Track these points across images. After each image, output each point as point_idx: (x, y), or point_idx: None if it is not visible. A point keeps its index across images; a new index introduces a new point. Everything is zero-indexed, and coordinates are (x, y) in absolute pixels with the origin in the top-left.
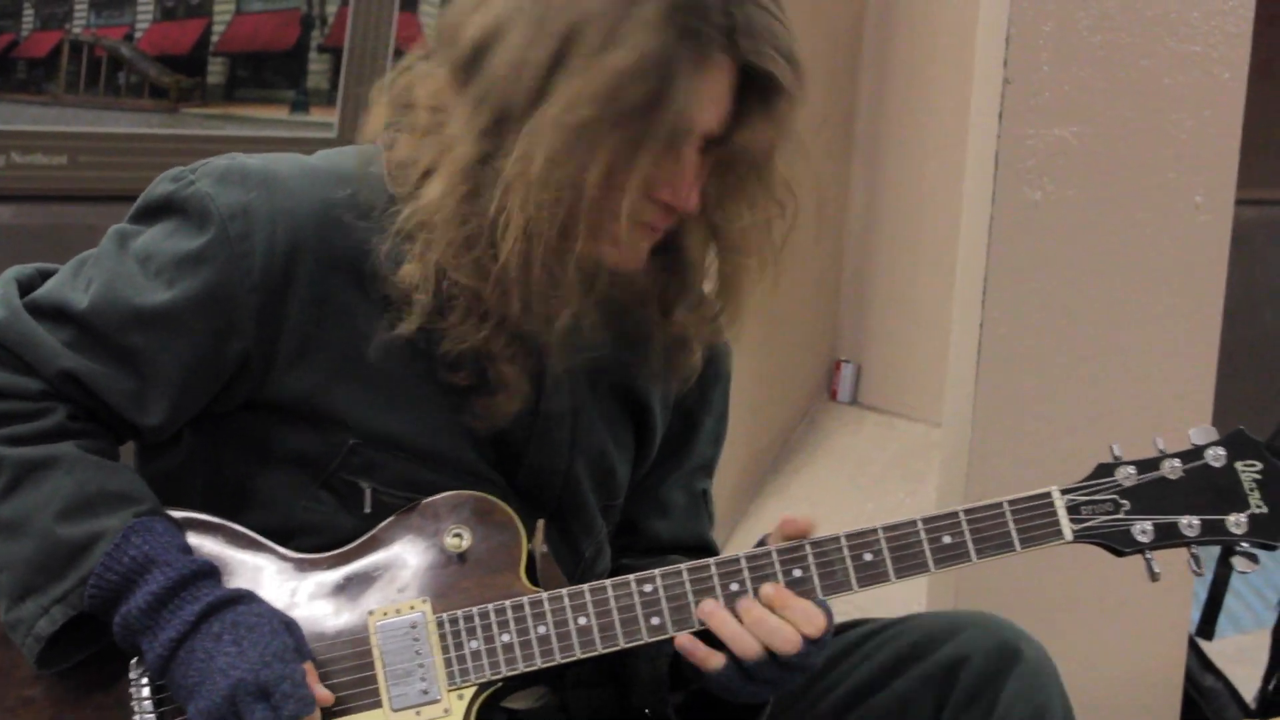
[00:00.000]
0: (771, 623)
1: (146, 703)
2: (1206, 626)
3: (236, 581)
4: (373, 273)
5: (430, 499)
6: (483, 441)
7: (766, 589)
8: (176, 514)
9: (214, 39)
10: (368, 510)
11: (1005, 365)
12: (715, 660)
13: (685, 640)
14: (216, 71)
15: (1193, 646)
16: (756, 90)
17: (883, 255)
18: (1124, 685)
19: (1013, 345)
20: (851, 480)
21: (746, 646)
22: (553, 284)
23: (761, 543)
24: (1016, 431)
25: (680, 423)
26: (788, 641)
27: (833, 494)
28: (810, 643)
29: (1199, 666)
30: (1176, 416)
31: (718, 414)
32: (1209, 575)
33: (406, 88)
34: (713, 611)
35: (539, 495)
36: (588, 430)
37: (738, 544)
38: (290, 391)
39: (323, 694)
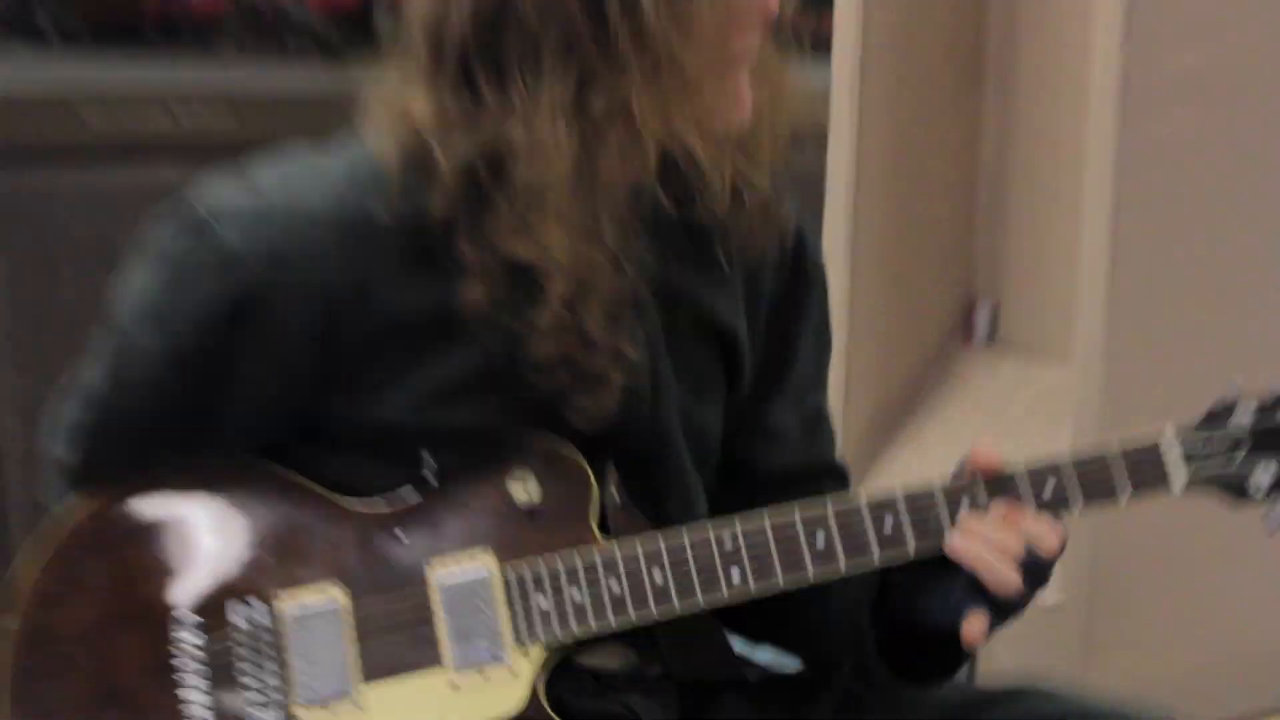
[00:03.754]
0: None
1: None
2: None
3: (288, 528)
4: (433, 264)
5: (494, 443)
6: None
7: (997, 505)
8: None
9: None
10: (425, 475)
11: (1138, 299)
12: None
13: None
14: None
15: None
16: None
17: (1017, 186)
18: None
19: (1146, 277)
20: (986, 425)
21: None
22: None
23: (959, 468)
24: (1151, 367)
25: (776, 342)
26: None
27: (968, 439)
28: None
29: None
30: None
31: (816, 323)
32: None
33: (401, 110)
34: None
35: (625, 452)
36: (670, 379)
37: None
38: (347, 416)
39: None
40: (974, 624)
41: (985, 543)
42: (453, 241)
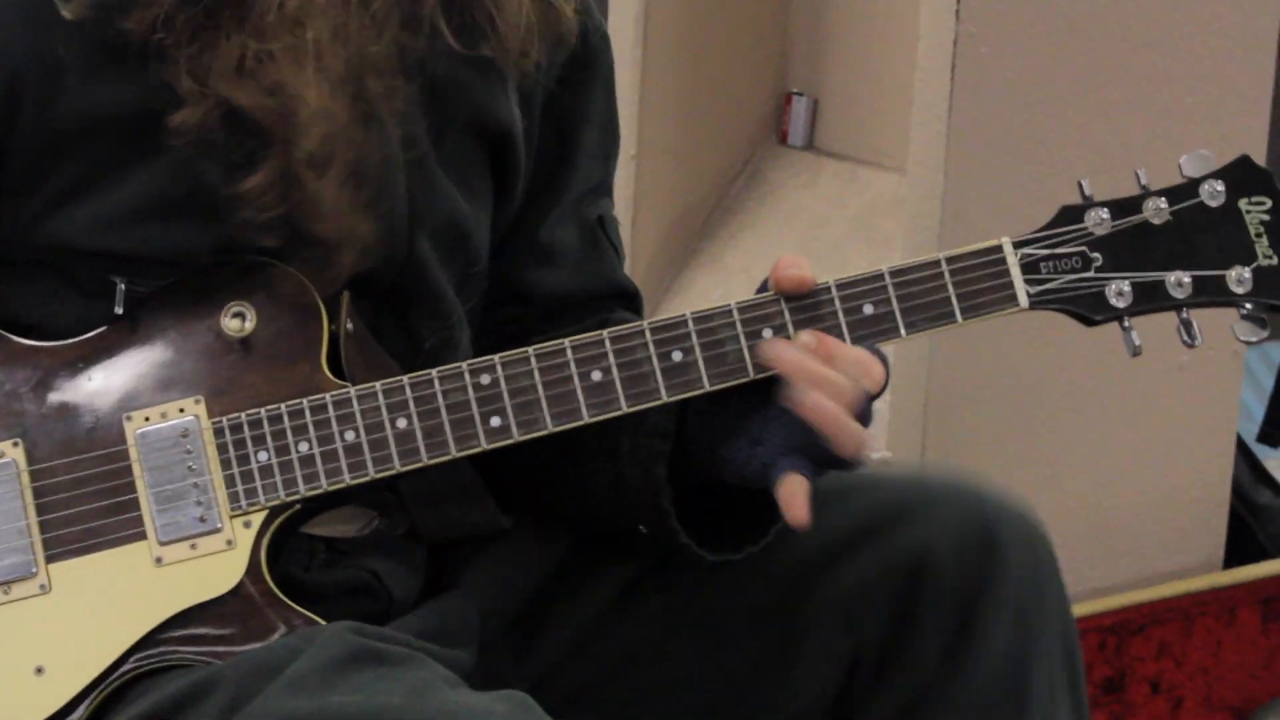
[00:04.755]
0: (829, 375)
1: None
2: (1271, 430)
3: None
4: (122, 63)
5: (202, 268)
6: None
7: (805, 336)
8: None
9: None
10: (119, 310)
11: (987, 94)
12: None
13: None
14: None
15: (1245, 456)
16: None
17: None
18: (1156, 503)
19: (998, 67)
20: (803, 245)
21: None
22: None
23: (763, 288)
24: (1003, 179)
25: (553, 144)
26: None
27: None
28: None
29: (1252, 480)
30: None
31: (601, 123)
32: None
33: None
34: (780, 352)
35: (371, 279)
36: (430, 191)
37: None
38: (21, 232)
39: None
40: (793, 488)
41: (813, 382)
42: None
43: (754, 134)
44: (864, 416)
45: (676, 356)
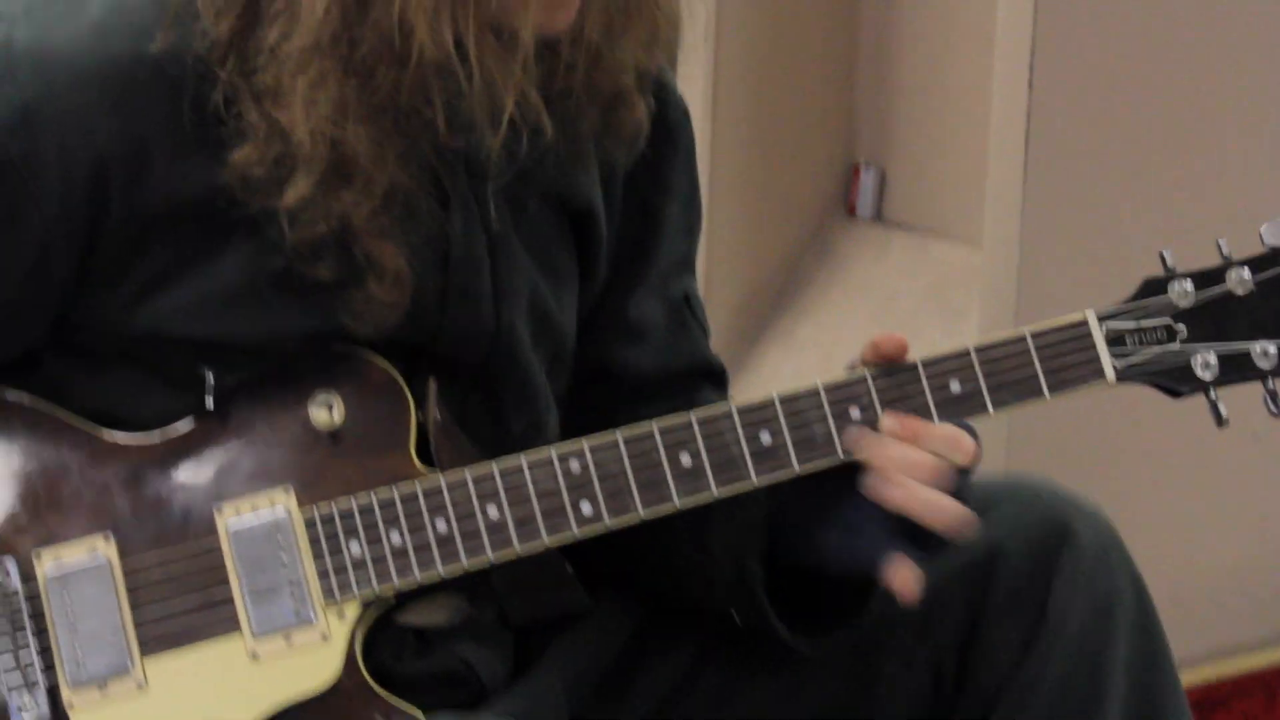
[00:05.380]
0: (915, 457)
1: None
2: None
3: (41, 471)
4: (206, 145)
5: (289, 358)
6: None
7: (888, 421)
8: None
9: None
10: (210, 402)
11: (1060, 167)
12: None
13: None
14: None
15: None
16: None
17: (909, 27)
18: (1234, 573)
19: (1072, 137)
20: (876, 318)
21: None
22: (497, 64)
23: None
24: (1080, 250)
25: (637, 219)
26: (935, 471)
27: (851, 336)
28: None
29: None
30: None
31: (684, 197)
32: None
33: None
34: (865, 442)
35: (459, 364)
36: (513, 268)
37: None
38: (111, 322)
39: None
40: (901, 570)
41: (899, 467)
42: (227, 100)
43: (822, 206)
44: (961, 492)
45: (765, 439)
